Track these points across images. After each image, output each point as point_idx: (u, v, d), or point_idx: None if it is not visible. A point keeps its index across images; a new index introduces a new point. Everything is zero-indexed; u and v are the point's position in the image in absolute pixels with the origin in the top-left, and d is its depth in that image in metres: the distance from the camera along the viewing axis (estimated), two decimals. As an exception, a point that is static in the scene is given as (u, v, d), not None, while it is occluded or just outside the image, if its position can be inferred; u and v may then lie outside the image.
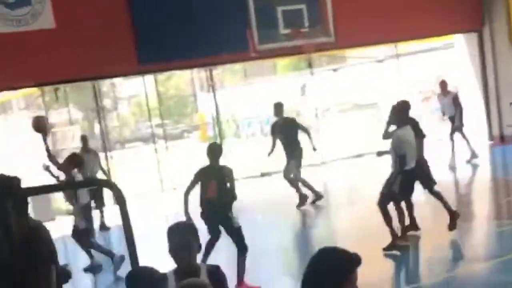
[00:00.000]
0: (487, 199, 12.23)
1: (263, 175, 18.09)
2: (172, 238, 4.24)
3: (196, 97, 36.19)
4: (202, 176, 8.36)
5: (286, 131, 13.09)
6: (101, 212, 13.56)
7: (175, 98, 39.52)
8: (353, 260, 3.49)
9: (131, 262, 4.32)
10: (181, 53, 13.65)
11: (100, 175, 14.20)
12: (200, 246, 4.35)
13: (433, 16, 16.98)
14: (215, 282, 3.93)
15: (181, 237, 4.20)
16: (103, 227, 13.58)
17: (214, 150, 8.46)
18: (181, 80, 40.10)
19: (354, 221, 11.63)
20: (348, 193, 14.91)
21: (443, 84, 15.47)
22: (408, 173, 9.00)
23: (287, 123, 13.23)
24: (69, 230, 10.41)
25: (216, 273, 4.27)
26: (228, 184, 8.23)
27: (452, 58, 20.17)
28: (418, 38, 18.95)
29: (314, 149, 13.36)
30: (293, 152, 13.06)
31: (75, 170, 10.15)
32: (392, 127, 9.22)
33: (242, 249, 8.22)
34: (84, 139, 14.50)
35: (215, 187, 8.24)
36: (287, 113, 13.88)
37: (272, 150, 13.07)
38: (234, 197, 8.23)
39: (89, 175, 13.62)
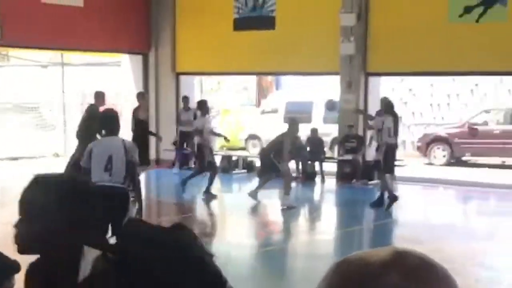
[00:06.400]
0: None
1: None
2: None
3: None
4: None
5: None
6: None
7: None
8: (10, 267, 3.29)
9: None
10: None
11: None
12: None
13: (102, 31, 17.17)
14: None
15: None
16: None
17: None
18: None
19: None
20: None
21: (97, 96, 14.53)
22: None
23: None
24: None
25: None
26: None
27: (119, 76, 20.50)
28: (82, 50, 18.95)
29: None
30: None
31: None
32: None
33: None
34: None
35: None
36: None
37: None
38: None
39: None
